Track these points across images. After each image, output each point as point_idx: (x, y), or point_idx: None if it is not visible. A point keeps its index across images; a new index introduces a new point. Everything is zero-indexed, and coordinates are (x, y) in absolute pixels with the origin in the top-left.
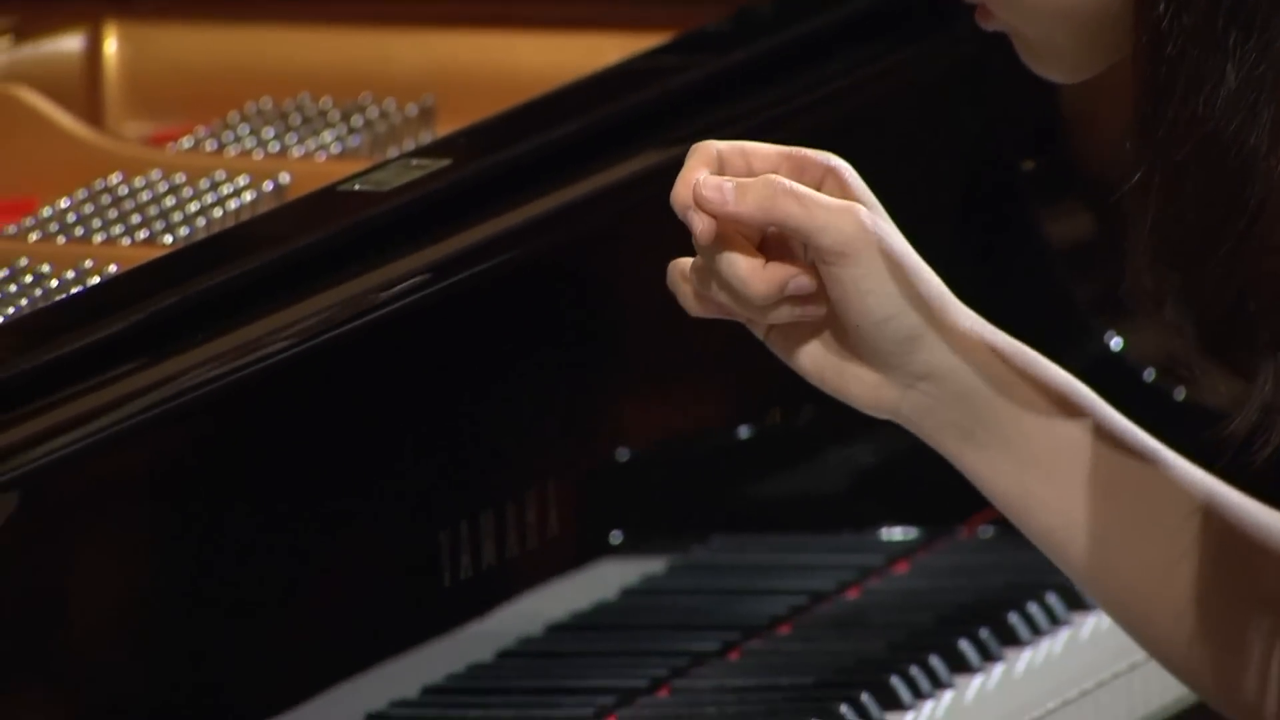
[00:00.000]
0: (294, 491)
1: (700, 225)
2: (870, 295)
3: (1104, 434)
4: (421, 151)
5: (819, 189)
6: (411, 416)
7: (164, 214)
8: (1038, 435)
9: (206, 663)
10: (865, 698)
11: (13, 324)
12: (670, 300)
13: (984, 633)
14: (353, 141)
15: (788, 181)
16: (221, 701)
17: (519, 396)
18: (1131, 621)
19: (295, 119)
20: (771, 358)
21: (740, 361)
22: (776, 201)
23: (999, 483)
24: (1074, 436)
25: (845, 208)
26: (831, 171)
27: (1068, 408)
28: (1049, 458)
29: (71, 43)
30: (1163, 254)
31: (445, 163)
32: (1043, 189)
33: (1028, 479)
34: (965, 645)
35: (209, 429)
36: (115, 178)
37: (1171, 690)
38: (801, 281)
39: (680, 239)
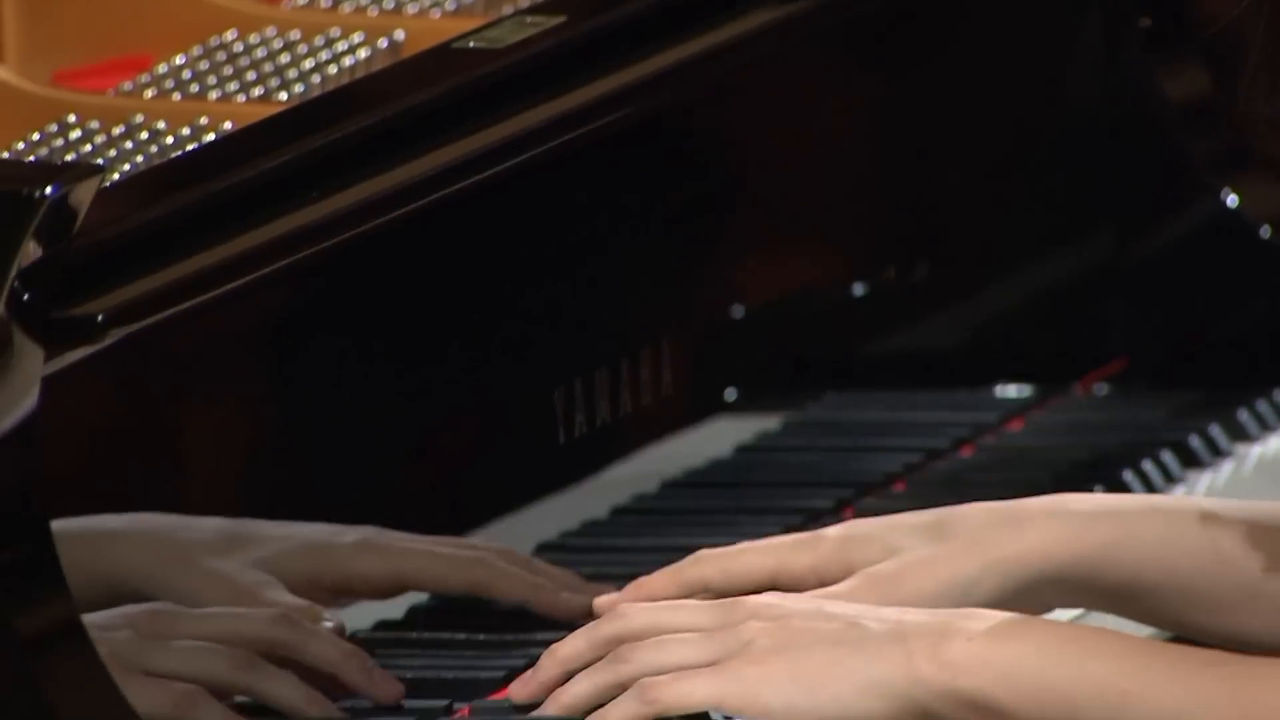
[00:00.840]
0: (408, 352)
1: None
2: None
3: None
4: (537, 8)
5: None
6: (526, 275)
7: (278, 71)
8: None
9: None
10: None
11: (129, 181)
12: (787, 157)
13: (1099, 490)
14: None
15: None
16: None
17: (634, 254)
18: None
19: None
20: (887, 213)
21: (855, 219)
22: None
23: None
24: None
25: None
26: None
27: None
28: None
29: None
30: (1271, 79)
31: (560, 19)
32: (1159, 46)
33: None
34: None
35: (322, 289)
36: (230, 34)
37: None
38: None
39: (791, 98)
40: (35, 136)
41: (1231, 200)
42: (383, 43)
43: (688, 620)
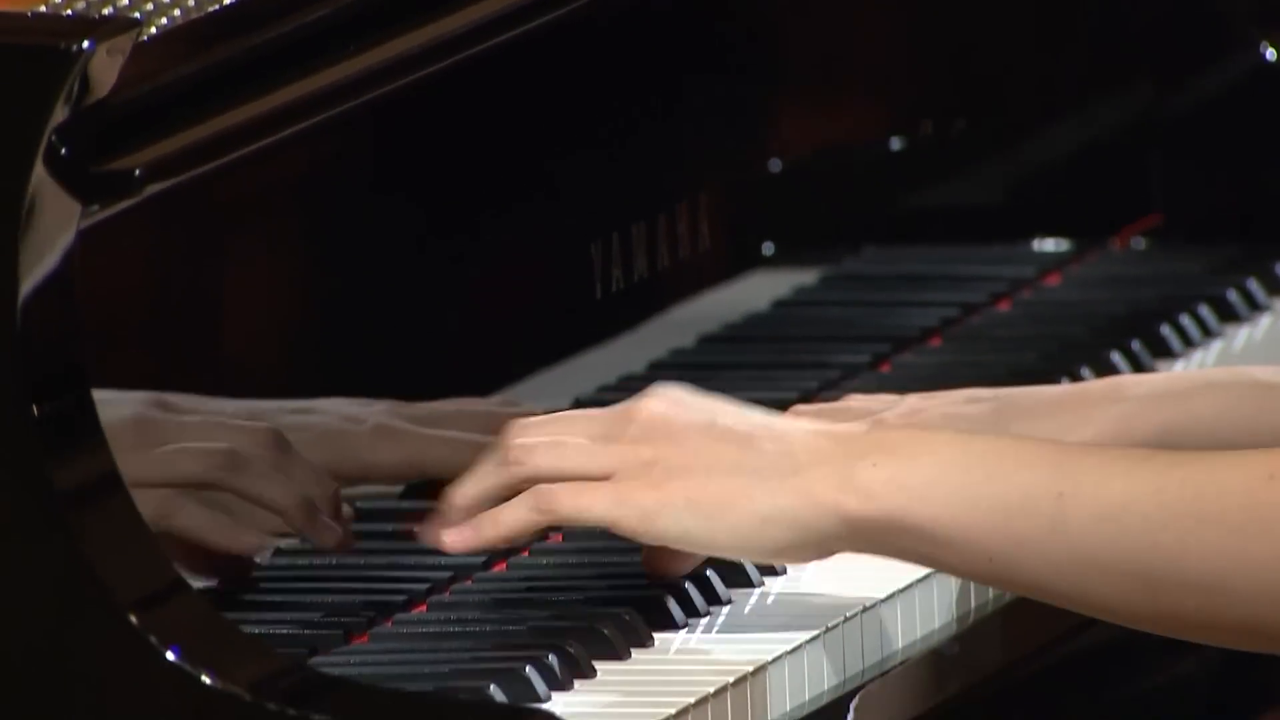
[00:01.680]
0: (447, 208)
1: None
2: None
3: None
4: None
5: None
6: (564, 128)
7: None
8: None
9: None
10: None
11: (166, 34)
12: (825, 10)
13: (1135, 345)
14: None
15: None
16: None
17: (671, 108)
18: None
19: None
20: (925, 68)
21: (893, 73)
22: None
23: None
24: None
25: None
26: None
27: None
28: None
29: None
30: None
31: None
32: None
33: None
34: (1116, 357)
35: (360, 145)
36: None
37: None
38: None
39: None
40: None
41: (1270, 54)
42: None
43: (580, 429)
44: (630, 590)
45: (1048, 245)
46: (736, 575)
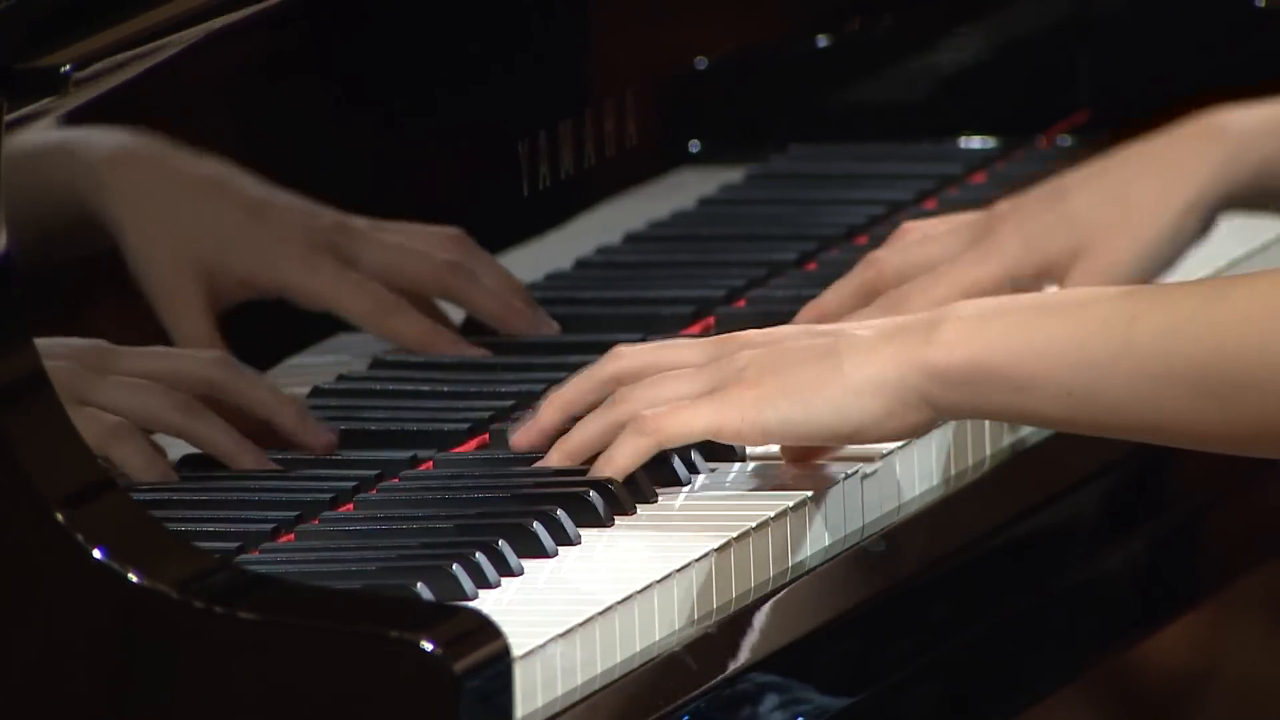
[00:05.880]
0: (373, 104)
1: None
2: None
3: None
4: None
5: None
6: (490, 24)
7: None
8: None
9: None
10: None
11: None
12: None
13: None
14: None
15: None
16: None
17: (598, 4)
18: None
19: None
20: None
21: None
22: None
23: None
24: None
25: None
26: None
27: None
28: None
29: None
30: None
31: None
32: None
33: None
34: None
35: (291, 39)
36: None
37: None
38: None
39: None
40: None
41: None
42: None
43: (683, 356)
44: (562, 489)
45: (974, 143)
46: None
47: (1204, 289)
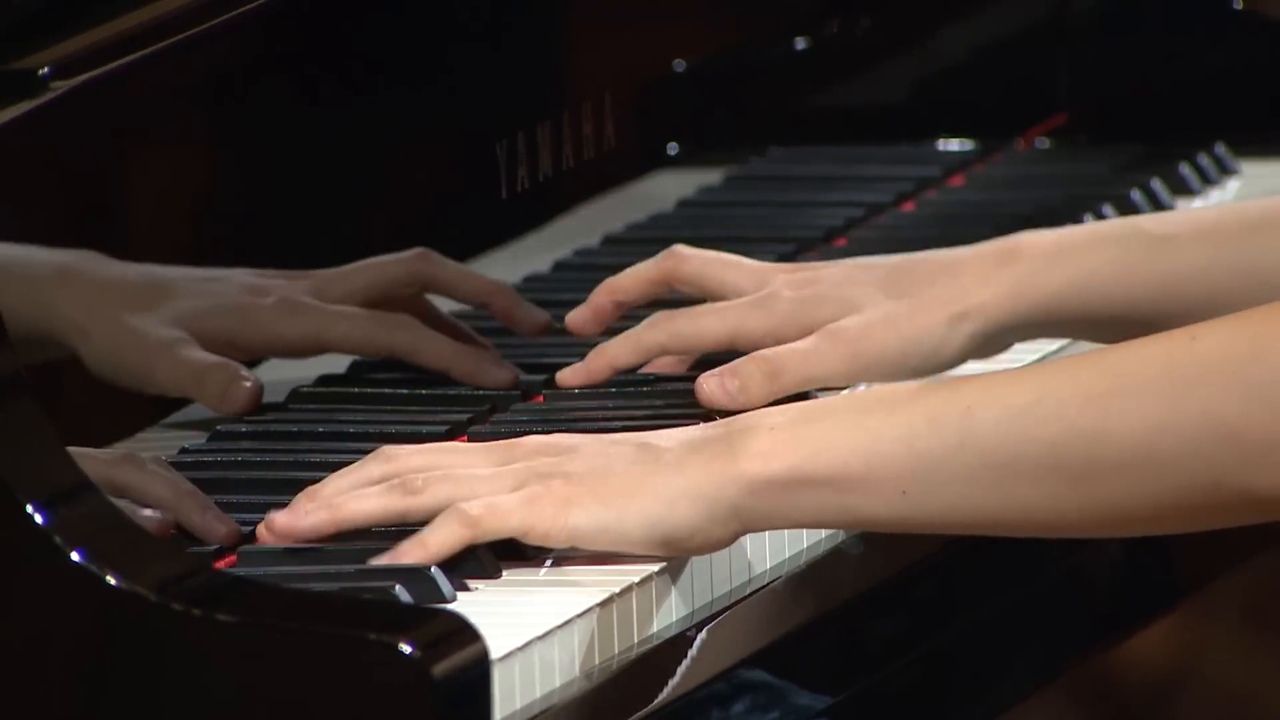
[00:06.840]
0: (351, 106)
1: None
2: None
3: None
4: None
5: None
6: (469, 26)
7: None
8: None
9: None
10: None
11: None
12: None
13: None
14: None
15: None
16: None
17: (577, 5)
18: None
19: None
20: None
21: None
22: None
23: None
24: None
25: None
26: None
27: None
28: None
29: None
30: None
31: None
32: None
33: None
34: None
35: (269, 42)
36: None
37: None
38: None
39: None
40: None
41: None
42: None
43: (467, 461)
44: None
45: (953, 145)
46: None
47: (1036, 373)
